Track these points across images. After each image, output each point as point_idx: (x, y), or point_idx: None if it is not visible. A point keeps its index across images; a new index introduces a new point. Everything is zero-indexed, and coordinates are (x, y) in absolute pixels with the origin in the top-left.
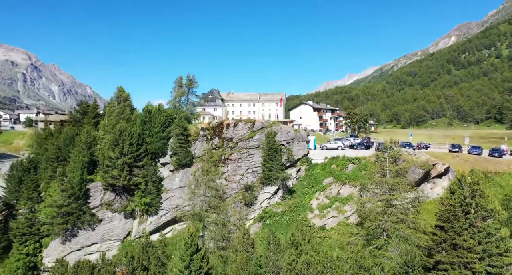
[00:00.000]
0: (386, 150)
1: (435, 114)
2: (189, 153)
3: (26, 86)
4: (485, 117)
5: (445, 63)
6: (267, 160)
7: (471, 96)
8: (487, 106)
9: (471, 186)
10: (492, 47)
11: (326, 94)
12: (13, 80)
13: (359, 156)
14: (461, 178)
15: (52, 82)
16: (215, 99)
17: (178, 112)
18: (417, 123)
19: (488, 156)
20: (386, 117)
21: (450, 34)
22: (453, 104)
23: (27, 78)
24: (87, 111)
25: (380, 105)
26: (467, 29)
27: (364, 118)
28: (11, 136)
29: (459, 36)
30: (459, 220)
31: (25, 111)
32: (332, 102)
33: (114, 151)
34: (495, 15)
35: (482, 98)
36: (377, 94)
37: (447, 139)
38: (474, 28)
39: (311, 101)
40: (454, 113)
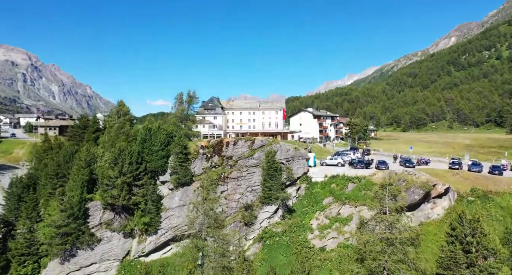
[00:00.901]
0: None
1: (435, 117)
2: (188, 172)
3: (26, 86)
4: (485, 120)
5: (445, 65)
6: (267, 179)
7: (471, 99)
8: (487, 109)
9: (472, 223)
10: (492, 49)
11: (326, 96)
12: (13, 80)
13: (359, 175)
14: (462, 214)
15: (52, 83)
16: (215, 108)
17: (178, 130)
18: (417, 126)
19: (488, 173)
20: (386, 120)
21: (450, 34)
22: (453, 107)
23: (27, 79)
24: (87, 125)
25: (380, 107)
26: (467, 29)
27: (364, 129)
28: (11, 145)
29: (459, 36)
30: (460, 267)
31: (25, 115)
32: (332, 104)
33: (114, 169)
34: (495, 15)
35: (482, 101)
36: (377, 96)
37: (447, 148)
38: (474, 28)
39: (311, 108)
40: (454, 116)
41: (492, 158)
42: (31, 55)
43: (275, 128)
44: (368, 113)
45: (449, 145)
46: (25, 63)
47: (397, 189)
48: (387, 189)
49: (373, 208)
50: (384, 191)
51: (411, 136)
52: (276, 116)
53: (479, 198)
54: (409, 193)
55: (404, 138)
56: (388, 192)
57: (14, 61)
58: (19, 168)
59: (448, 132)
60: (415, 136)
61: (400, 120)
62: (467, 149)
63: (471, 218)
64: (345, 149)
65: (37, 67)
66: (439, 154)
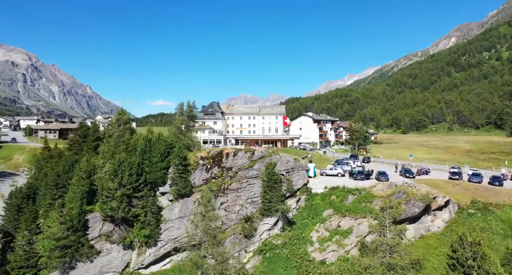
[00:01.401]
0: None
1: (435, 119)
2: (188, 183)
3: (26, 86)
4: (485, 122)
5: (445, 66)
6: (267, 191)
7: (471, 101)
8: (487, 111)
9: (473, 246)
10: (492, 50)
11: (326, 97)
12: (13, 80)
13: (359, 187)
14: (463, 237)
15: (52, 83)
16: (215, 113)
17: (178, 141)
18: (417, 128)
19: (488, 183)
20: (386, 122)
21: (450, 34)
22: (453, 109)
23: (27, 79)
24: (87, 134)
25: (380, 109)
26: (467, 29)
27: (364, 135)
28: (11, 151)
29: (459, 37)
30: None
31: (25, 118)
32: (332, 105)
33: (114, 181)
34: (495, 16)
35: (482, 103)
36: (377, 97)
37: (447, 154)
38: (474, 28)
39: (311, 113)
40: (454, 118)
41: (492, 165)
42: (31, 56)
43: (275, 133)
44: (368, 115)
45: (449, 150)
46: (25, 64)
47: (397, 213)
48: (387, 212)
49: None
50: (384, 214)
51: (411, 139)
52: (276, 122)
53: (479, 210)
54: (409, 206)
55: (404, 141)
56: (389, 215)
57: (14, 61)
58: (19, 175)
59: (448, 134)
60: (415, 140)
61: (400, 122)
62: (467, 154)
63: (472, 240)
64: (345, 157)
65: (37, 68)
66: (440, 161)
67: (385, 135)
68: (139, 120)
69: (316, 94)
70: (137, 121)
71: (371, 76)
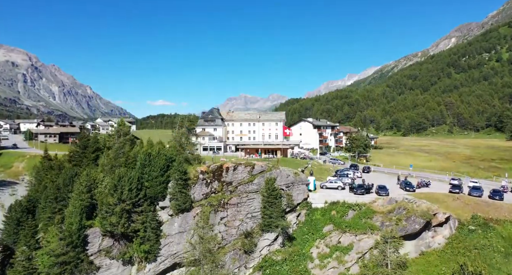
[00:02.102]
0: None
1: (435, 122)
2: (188, 198)
3: (26, 87)
4: (485, 125)
5: (445, 67)
6: (266, 206)
7: (471, 103)
8: (487, 114)
9: None
10: (492, 51)
11: (326, 99)
12: (13, 81)
13: (359, 202)
14: (464, 266)
15: (52, 83)
16: (215, 119)
17: (178, 154)
18: (417, 131)
19: (489, 197)
20: (386, 124)
21: (451, 35)
22: (453, 111)
23: (28, 79)
24: (87, 145)
25: (380, 111)
26: (467, 30)
27: (365, 144)
28: (11, 159)
29: (459, 37)
30: None
31: (25, 121)
32: (332, 107)
33: (113, 196)
34: (495, 16)
35: (482, 105)
36: (377, 99)
37: (448, 161)
38: (474, 29)
39: (311, 118)
40: (454, 121)
41: (493, 175)
42: (31, 56)
43: (275, 139)
44: (368, 117)
45: (449, 156)
46: (25, 64)
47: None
48: (388, 242)
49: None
50: (385, 245)
51: (411, 143)
52: (276, 128)
53: (480, 226)
54: (409, 222)
55: (404, 145)
56: (390, 244)
57: (15, 61)
58: (18, 183)
59: (449, 137)
60: (415, 144)
61: (400, 124)
62: (468, 162)
63: (473, 271)
64: (345, 168)
65: (37, 68)
66: (440, 170)
67: (385, 138)
68: (139, 121)
69: (316, 96)
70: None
71: (371, 76)
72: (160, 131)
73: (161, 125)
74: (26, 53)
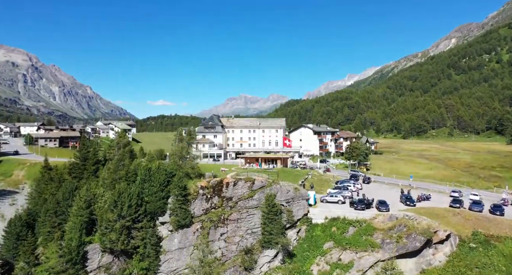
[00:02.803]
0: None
1: (435, 124)
2: (188, 213)
3: (26, 87)
4: (485, 128)
5: (446, 68)
6: (266, 222)
7: (471, 105)
8: (488, 117)
9: None
10: (492, 52)
11: (326, 100)
12: (13, 81)
13: (360, 219)
14: None
15: (52, 83)
16: (215, 126)
17: (178, 169)
18: (418, 133)
19: (489, 212)
20: (387, 126)
21: (451, 35)
22: (453, 114)
23: (28, 79)
24: (87, 157)
25: (381, 113)
26: (467, 30)
27: (365, 153)
28: (11, 166)
29: (459, 38)
30: None
31: (26, 124)
32: (332, 109)
33: (113, 212)
34: (495, 17)
35: (483, 108)
36: (377, 101)
37: (448, 169)
38: (474, 30)
39: (311, 124)
40: (454, 123)
41: (493, 185)
42: (31, 56)
43: (275, 146)
44: (368, 119)
45: (449, 163)
46: (25, 64)
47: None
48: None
49: None
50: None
51: (411, 147)
52: (276, 135)
53: (481, 244)
54: (410, 240)
55: (404, 150)
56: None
57: (15, 62)
58: (18, 192)
59: (449, 140)
60: (415, 148)
61: (400, 127)
62: (468, 170)
63: None
64: (345, 179)
65: (38, 68)
66: (440, 178)
67: (385, 141)
68: (140, 122)
69: (317, 97)
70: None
71: (372, 77)
72: (160, 134)
73: (161, 127)
74: (26, 53)
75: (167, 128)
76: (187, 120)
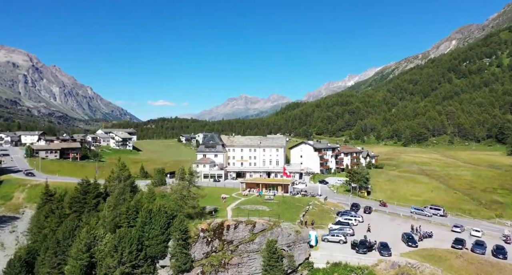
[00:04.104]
0: None
1: (435, 132)
2: (188, 258)
3: (27, 87)
4: (486, 135)
5: (446, 72)
6: (267, 269)
7: (472, 112)
8: (488, 125)
9: None
10: (493, 56)
11: (327, 104)
12: (14, 82)
13: (361, 265)
14: None
15: (53, 84)
16: (216, 145)
17: (179, 209)
18: (418, 141)
19: (492, 255)
20: (387, 133)
21: (451, 36)
22: (454, 121)
23: (28, 80)
24: (88, 191)
25: (381, 119)
26: (468, 32)
27: (366, 177)
28: (11, 188)
29: (460, 39)
30: None
31: (27, 133)
32: (333, 114)
33: (113, 257)
34: (496, 19)
35: (483, 115)
36: (377, 106)
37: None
38: (475, 31)
39: (312, 141)
40: (455, 131)
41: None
42: (32, 57)
43: (276, 166)
44: (368, 125)
45: (450, 182)
46: (26, 65)
47: None
48: None
49: None
50: None
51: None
52: (276, 154)
53: None
54: None
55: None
56: None
57: (15, 62)
58: (19, 218)
59: (449, 149)
60: (416, 160)
61: (400, 134)
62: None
63: None
64: (346, 210)
65: (38, 69)
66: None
67: (385, 149)
68: (140, 126)
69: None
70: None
71: (372, 78)
72: (161, 141)
73: (162, 130)
74: (27, 54)
75: (168, 133)
76: (187, 124)
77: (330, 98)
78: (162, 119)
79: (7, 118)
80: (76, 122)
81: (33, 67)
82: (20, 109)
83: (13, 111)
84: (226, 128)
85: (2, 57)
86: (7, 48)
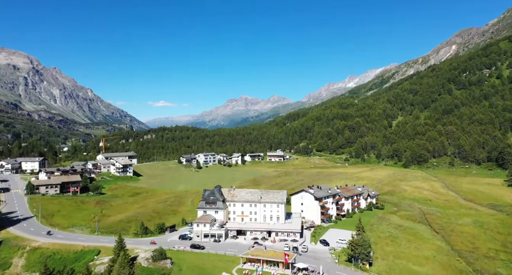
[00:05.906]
0: None
1: (436, 153)
2: None
3: (27, 90)
4: (486, 158)
5: (446, 83)
6: None
7: (471, 132)
8: (488, 147)
9: None
10: (492, 67)
11: (327, 118)
12: (14, 84)
13: None
14: None
15: (53, 86)
16: (216, 202)
17: None
18: (419, 163)
19: None
20: (387, 152)
21: (451, 40)
22: (454, 141)
23: (29, 82)
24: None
25: (381, 137)
26: (467, 36)
27: (368, 250)
28: (10, 252)
29: (459, 44)
30: None
31: (27, 159)
32: (333, 130)
33: None
34: (496, 24)
35: (483, 136)
36: (377, 120)
37: (450, 261)
38: (475, 36)
39: (312, 190)
40: (455, 152)
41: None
42: (32, 59)
43: (276, 222)
44: (369, 143)
45: (452, 238)
46: (26, 67)
47: None
48: None
49: None
50: None
51: (412, 193)
52: (277, 210)
53: None
54: None
55: (405, 199)
56: None
57: (16, 65)
58: None
59: (450, 172)
60: (417, 195)
61: (401, 154)
62: (472, 257)
63: None
64: None
65: (39, 71)
66: None
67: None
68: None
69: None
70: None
71: (372, 82)
72: (161, 163)
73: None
74: (27, 56)
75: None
76: (187, 134)
77: (330, 111)
78: (162, 128)
79: (8, 123)
80: (77, 126)
81: (33, 69)
82: (21, 114)
83: (14, 116)
84: (227, 141)
85: (2, 59)
86: (7, 50)
